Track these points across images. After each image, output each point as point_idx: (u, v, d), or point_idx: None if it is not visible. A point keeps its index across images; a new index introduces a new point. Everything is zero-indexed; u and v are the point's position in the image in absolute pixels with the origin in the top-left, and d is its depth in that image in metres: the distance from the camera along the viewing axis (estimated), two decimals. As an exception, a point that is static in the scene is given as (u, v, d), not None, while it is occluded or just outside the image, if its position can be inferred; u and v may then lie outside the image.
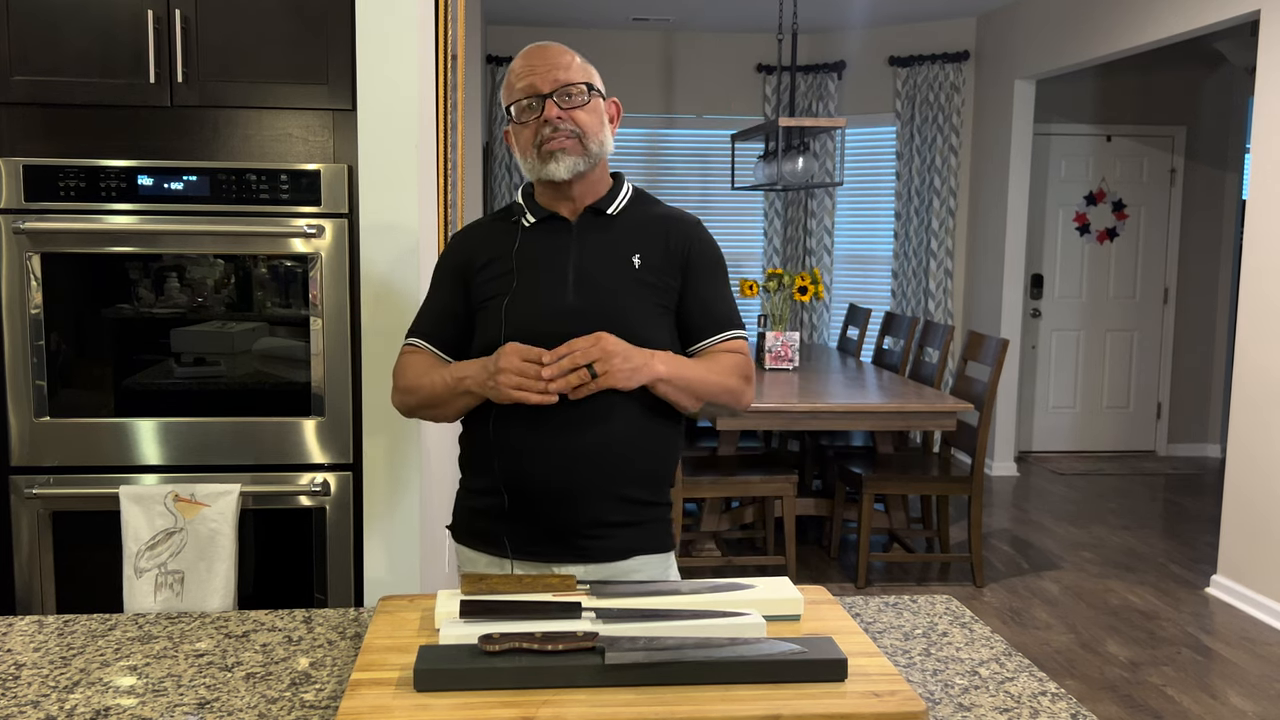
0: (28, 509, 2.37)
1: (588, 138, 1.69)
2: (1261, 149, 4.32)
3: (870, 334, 6.88)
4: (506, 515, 1.71)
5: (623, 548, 1.72)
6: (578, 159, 1.68)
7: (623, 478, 1.69)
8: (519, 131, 1.72)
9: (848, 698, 1.14)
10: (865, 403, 4.26)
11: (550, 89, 1.68)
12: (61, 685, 1.30)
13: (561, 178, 1.69)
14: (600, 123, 1.72)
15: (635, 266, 1.71)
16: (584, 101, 1.70)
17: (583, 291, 1.69)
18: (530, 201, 1.77)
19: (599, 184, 1.76)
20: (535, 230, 1.75)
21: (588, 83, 1.71)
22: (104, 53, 2.32)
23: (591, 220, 1.74)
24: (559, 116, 1.67)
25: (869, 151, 7.38)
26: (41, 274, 2.32)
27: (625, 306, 1.68)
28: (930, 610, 1.60)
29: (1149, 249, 7.06)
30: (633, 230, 1.75)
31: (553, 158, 1.67)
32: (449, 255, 1.82)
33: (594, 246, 1.72)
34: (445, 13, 2.97)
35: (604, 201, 1.75)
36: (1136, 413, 7.19)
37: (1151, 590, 4.53)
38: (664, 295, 1.72)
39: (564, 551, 1.70)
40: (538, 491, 1.68)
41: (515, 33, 7.16)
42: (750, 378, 1.77)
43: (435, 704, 1.12)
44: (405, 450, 2.39)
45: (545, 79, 1.68)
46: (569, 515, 1.68)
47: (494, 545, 1.74)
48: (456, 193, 3.41)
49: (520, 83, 1.70)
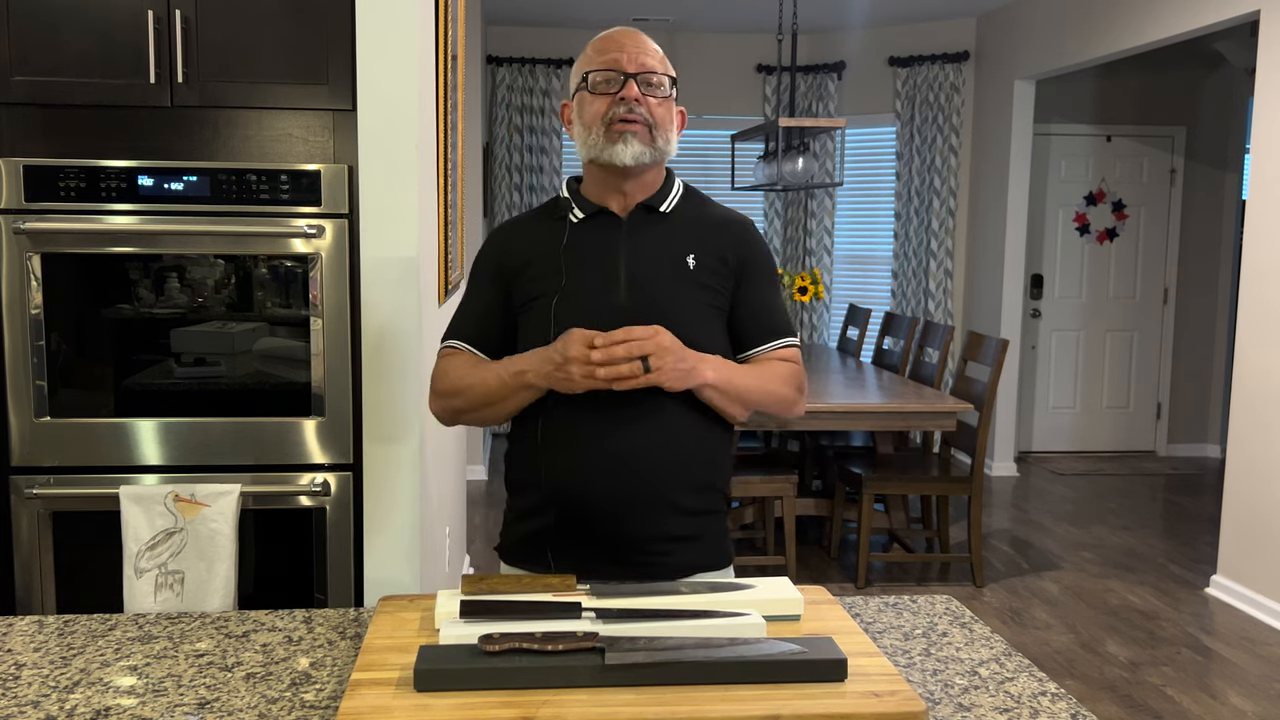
0: (28, 509, 2.37)
1: (657, 131, 1.62)
2: (1261, 149, 4.32)
3: (870, 334, 6.88)
4: (558, 534, 1.64)
5: (683, 564, 1.64)
6: (645, 148, 1.60)
7: (676, 486, 1.62)
8: (589, 101, 1.63)
9: (848, 698, 1.14)
10: (865, 403, 4.26)
11: (636, 70, 1.61)
12: (62, 685, 1.30)
13: (623, 163, 1.60)
14: (671, 121, 1.65)
15: (690, 267, 1.64)
16: (665, 94, 1.63)
17: (635, 291, 1.62)
18: (578, 196, 1.69)
19: (653, 182, 1.68)
20: (584, 226, 1.67)
21: (671, 77, 1.65)
22: (104, 53, 2.32)
23: (643, 217, 1.67)
24: (637, 99, 1.60)
25: (869, 151, 7.38)
26: (42, 274, 2.32)
27: (679, 308, 1.61)
28: (930, 610, 1.60)
29: (1149, 249, 7.06)
30: (686, 229, 1.68)
31: (621, 139, 1.59)
32: (488, 255, 1.73)
33: (646, 245, 1.65)
34: (445, 13, 2.97)
35: (656, 198, 1.68)
36: (1136, 413, 7.19)
37: (1151, 590, 4.53)
38: (717, 298, 1.66)
39: (622, 571, 1.61)
40: (590, 506, 1.61)
41: (515, 33, 7.16)
42: (803, 387, 1.71)
43: (435, 704, 1.12)
44: (405, 450, 2.39)
45: (633, 59, 1.61)
46: (624, 530, 1.61)
47: (545, 564, 1.66)
48: (456, 193, 3.41)
49: (604, 55, 1.62)
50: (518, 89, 7.15)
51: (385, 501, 2.40)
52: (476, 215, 5.87)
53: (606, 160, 1.61)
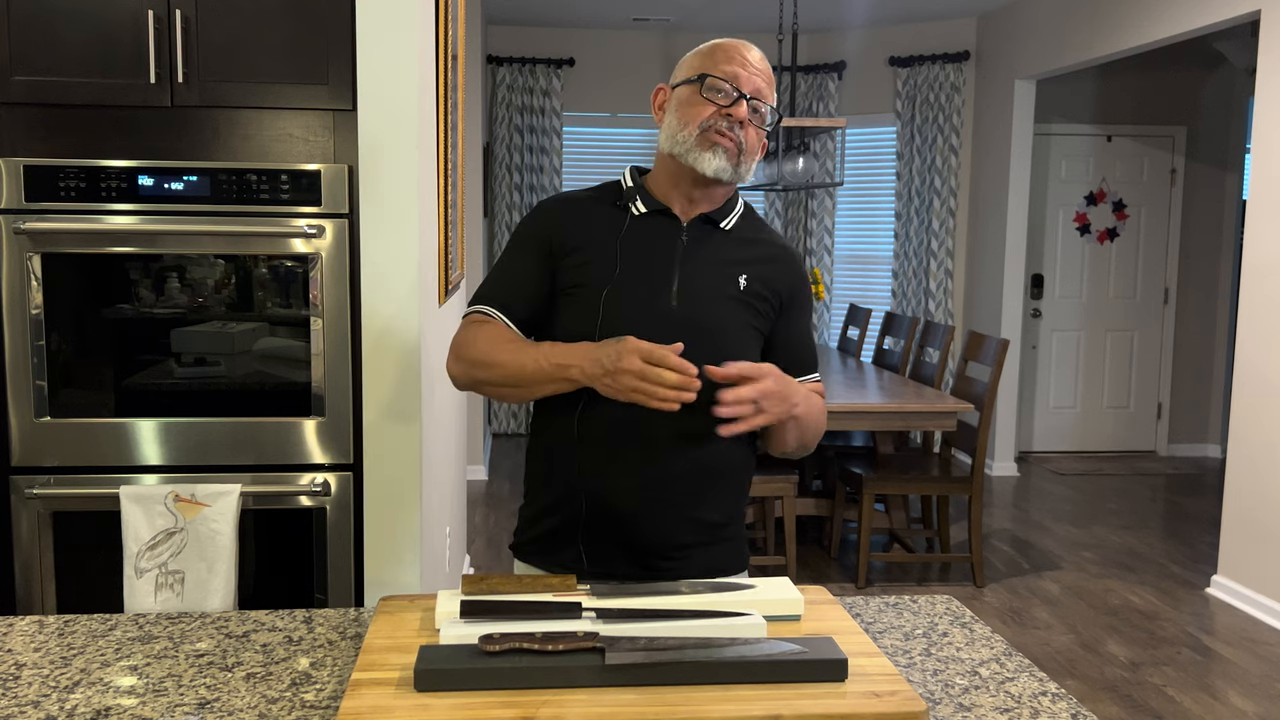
0: (28, 509, 2.37)
1: (745, 155, 1.63)
2: (1261, 149, 4.32)
3: (870, 334, 6.89)
4: (587, 532, 1.64)
5: (702, 568, 1.66)
6: (729, 166, 1.61)
7: (704, 502, 1.64)
8: (694, 101, 1.62)
9: (848, 698, 1.14)
10: (865, 403, 4.26)
11: (752, 93, 1.62)
12: (62, 685, 1.30)
13: (705, 172, 1.60)
14: (759, 150, 1.67)
15: (740, 287, 1.65)
16: (765, 125, 1.65)
17: (686, 298, 1.61)
18: (642, 189, 1.68)
19: (721, 197, 1.69)
20: (644, 221, 1.66)
21: (778, 112, 1.67)
22: (104, 53, 2.32)
23: (703, 228, 1.67)
24: (742, 121, 1.61)
25: (869, 151, 7.38)
26: (42, 274, 2.32)
27: (724, 324, 1.62)
28: (930, 610, 1.60)
29: (1149, 249, 7.06)
30: (742, 249, 1.68)
31: (712, 149, 1.59)
32: (537, 225, 1.68)
33: (703, 255, 1.65)
34: (445, 13, 2.97)
35: (719, 213, 1.68)
36: (1137, 413, 7.19)
37: (1152, 590, 4.53)
38: (762, 321, 1.67)
39: (642, 572, 1.63)
40: (616, 509, 1.61)
41: (515, 33, 7.17)
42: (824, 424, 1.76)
43: (435, 704, 1.12)
44: (405, 450, 2.39)
45: (752, 82, 1.62)
46: (646, 536, 1.62)
47: (569, 564, 1.66)
48: (456, 193, 3.41)
49: (727, 66, 1.62)
50: (518, 89, 7.16)
51: (385, 501, 2.40)
52: (476, 215, 5.87)
53: (690, 163, 1.61)
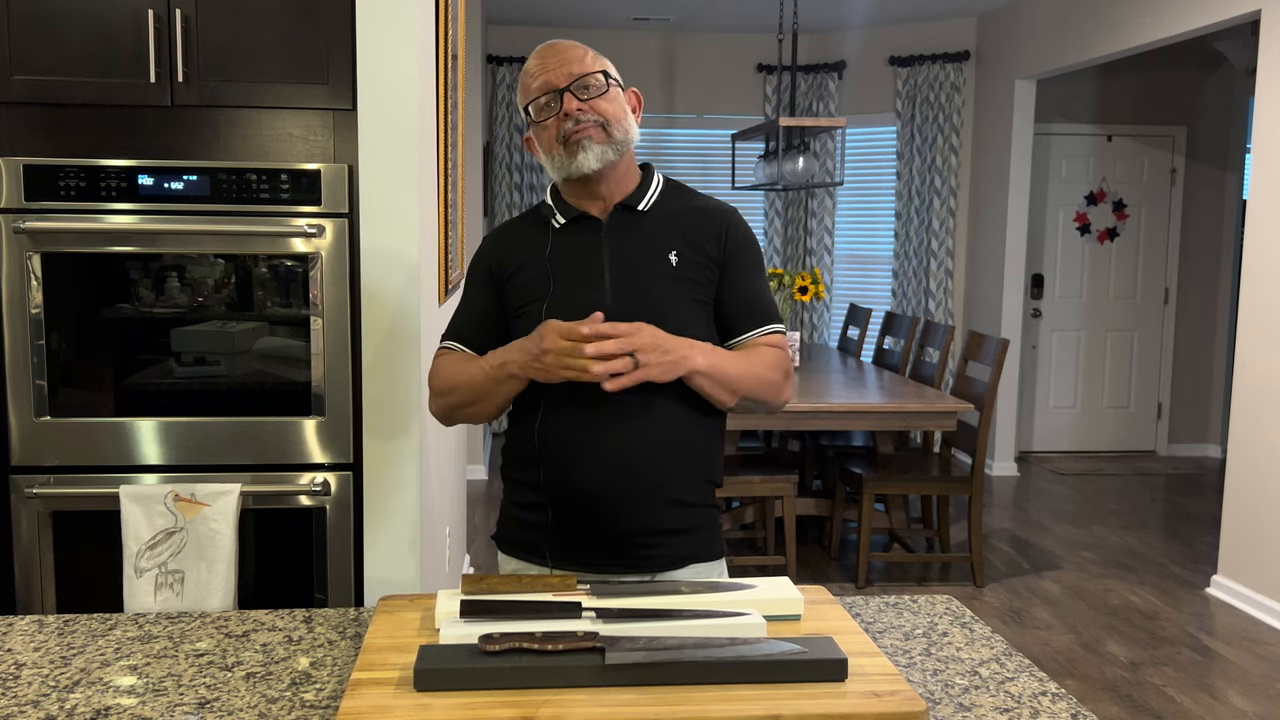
0: (28, 509, 2.37)
1: (612, 125, 1.64)
2: (1262, 149, 4.32)
3: (871, 334, 6.88)
4: (553, 525, 1.67)
5: (678, 556, 1.67)
6: (605, 147, 1.63)
7: (671, 478, 1.65)
8: (540, 133, 1.68)
9: (848, 698, 1.14)
10: (865, 403, 4.26)
11: (566, 83, 1.63)
12: (62, 685, 1.30)
13: (592, 168, 1.63)
14: (623, 110, 1.67)
15: (672, 264, 1.66)
16: (602, 90, 1.65)
17: (620, 293, 1.64)
18: (559, 201, 1.73)
19: (626, 179, 1.71)
20: (566, 231, 1.70)
21: (604, 71, 1.67)
22: (104, 52, 2.32)
23: (622, 218, 1.70)
24: (579, 108, 1.62)
25: (869, 151, 7.38)
26: (42, 274, 2.32)
27: (664, 305, 1.64)
28: (930, 610, 1.60)
29: (1149, 249, 7.06)
30: (666, 225, 1.70)
31: (580, 148, 1.62)
32: (481, 260, 1.77)
33: (627, 245, 1.68)
34: (445, 13, 2.97)
35: (634, 197, 1.70)
36: (1137, 413, 7.19)
37: (1152, 590, 4.53)
38: (702, 290, 1.68)
39: (617, 562, 1.65)
40: (585, 500, 1.63)
41: (515, 33, 7.17)
42: (790, 373, 1.73)
43: (435, 704, 1.12)
44: (405, 450, 2.39)
45: (559, 74, 1.64)
46: (619, 523, 1.63)
47: (542, 556, 1.69)
48: (456, 193, 3.41)
49: (535, 82, 1.67)
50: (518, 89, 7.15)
51: (385, 501, 2.40)
52: (476, 215, 5.87)
53: (576, 173, 1.65)
